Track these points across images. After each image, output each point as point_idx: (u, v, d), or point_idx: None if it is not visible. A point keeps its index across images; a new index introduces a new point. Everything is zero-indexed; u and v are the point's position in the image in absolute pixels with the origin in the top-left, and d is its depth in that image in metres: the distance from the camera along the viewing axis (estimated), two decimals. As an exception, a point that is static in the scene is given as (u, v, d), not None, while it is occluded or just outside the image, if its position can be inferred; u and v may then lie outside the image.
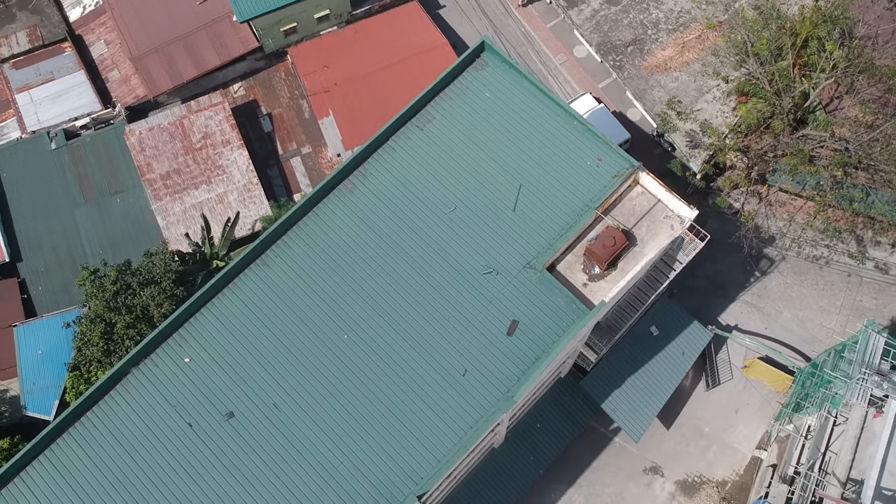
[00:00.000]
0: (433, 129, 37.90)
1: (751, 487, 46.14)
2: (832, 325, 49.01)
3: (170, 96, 55.63)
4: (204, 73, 54.97)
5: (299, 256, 35.94)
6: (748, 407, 47.91)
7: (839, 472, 37.01)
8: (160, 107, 55.94)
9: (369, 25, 55.94)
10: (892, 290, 49.36)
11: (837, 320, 49.09)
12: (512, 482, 44.00)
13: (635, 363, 44.57)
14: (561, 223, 35.87)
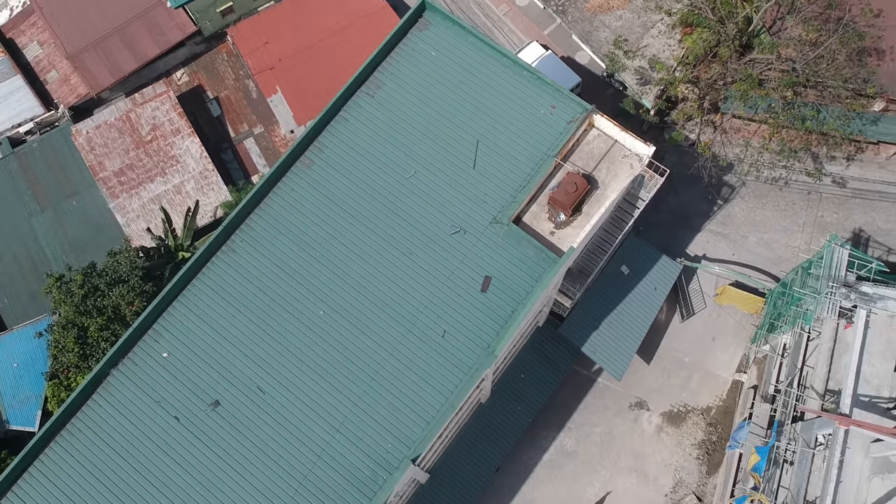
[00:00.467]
0: (384, 95, 37.61)
1: (735, 410, 47.26)
2: (797, 243, 49.90)
3: (113, 91, 54.49)
4: (144, 63, 53.84)
5: (265, 238, 35.74)
6: (724, 333, 48.83)
7: (817, 384, 38.00)
8: (104, 103, 54.81)
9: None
10: (852, 202, 50.29)
11: (801, 238, 49.97)
12: (503, 434, 44.62)
13: (610, 303, 45.12)
14: (522, 175, 35.97)
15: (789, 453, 38.23)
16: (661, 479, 46.30)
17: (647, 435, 47.14)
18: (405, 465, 32.22)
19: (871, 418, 35.44)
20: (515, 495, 45.93)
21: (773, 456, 38.50)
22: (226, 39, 56.12)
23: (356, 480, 32.29)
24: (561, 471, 46.47)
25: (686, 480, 46.25)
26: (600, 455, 46.72)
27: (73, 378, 42.13)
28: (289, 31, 53.82)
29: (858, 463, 35.26)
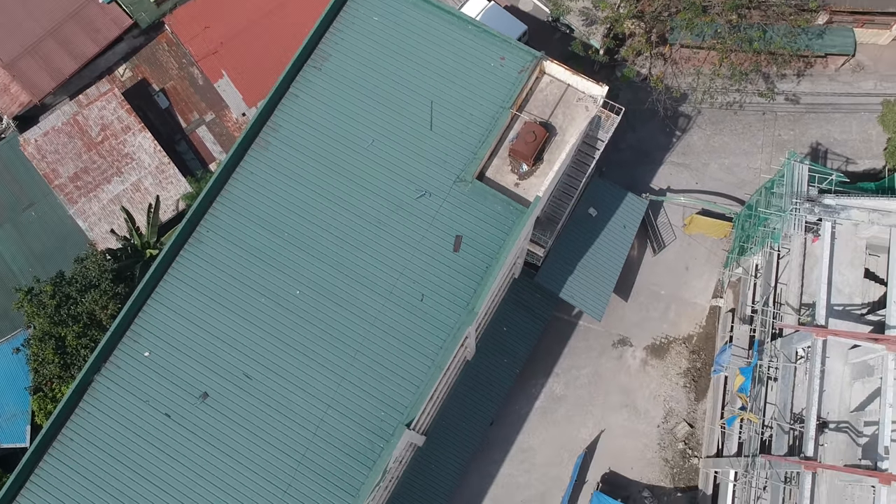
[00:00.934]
0: (332, 67, 37.21)
1: (715, 335, 48.15)
2: (757, 164, 50.48)
3: (56, 95, 53.30)
4: (84, 63, 52.63)
5: (231, 225, 35.48)
6: (696, 261, 49.52)
7: (792, 300, 38.77)
8: (49, 109, 53.61)
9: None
10: (806, 118, 50.87)
11: (761, 159, 50.56)
12: (493, 387, 45.16)
13: (582, 247, 45.49)
14: (479, 130, 35.91)
15: (772, 370, 39.11)
16: (651, 411, 47.21)
17: (633, 370, 47.94)
18: (400, 431, 32.55)
19: (846, 326, 36.31)
20: (512, 445, 46.66)
21: (756, 375, 39.38)
22: (164, 29, 54.97)
23: (354, 452, 32.59)
24: (553, 416, 47.21)
25: (676, 409, 47.22)
26: (590, 396, 47.49)
27: (58, 389, 41.87)
28: (227, 13, 52.83)
29: (839, 370, 36.18)
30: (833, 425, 35.68)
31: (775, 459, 35.46)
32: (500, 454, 46.53)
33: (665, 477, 46.25)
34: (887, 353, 33.12)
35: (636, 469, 46.33)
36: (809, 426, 34.24)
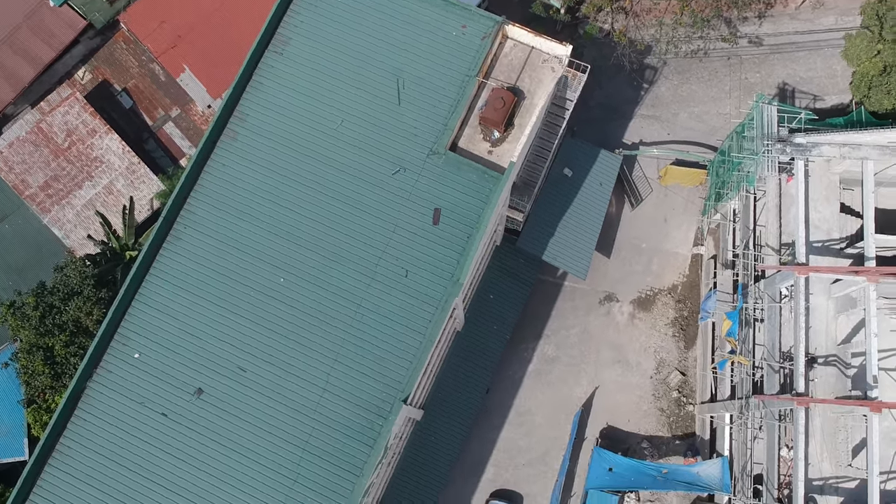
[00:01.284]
0: (293, 50, 36.91)
1: (699, 283, 48.61)
2: (726, 110, 50.63)
3: (17, 105, 52.44)
4: (42, 69, 51.76)
5: (207, 219, 35.32)
6: (674, 212, 49.83)
7: (771, 241, 39.17)
8: (11, 119, 52.80)
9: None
10: (771, 59, 51.01)
11: (730, 104, 50.72)
12: (485, 355, 45.45)
13: (560, 208, 45.59)
14: (448, 101, 35.82)
15: (758, 311, 39.57)
16: (643, 363, 47.73)
17: (622, 325, 48.36)
18: (397, 407, 32.78)
19: (826, 262, 36.79)
20: (510, 410, 47.09)
21: (743, 318, 39.85)
22: (120, 27, 54.09)
23: (354, 433, 32.81)
24: (547, 377, 47.62)
25: (667, 359, 47.77)
26: (581, 354, 47.91)
27: (51, 399, 41.71)
28: (183, 6, 51.95)
29: (823, 306, 36.72)
30: (822, 360, 36.28)
31: (768, 399, 36.03)
32: (499, 420, 46.97)
33: (662, 426, 46.90)
34: (868, 284, 33.59)
35: (633, 421, 46.94)
36: (799, 363, 34.76)
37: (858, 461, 35.08)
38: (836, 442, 35.50)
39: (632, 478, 42.25)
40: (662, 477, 41.83)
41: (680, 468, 42.21)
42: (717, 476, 40.88)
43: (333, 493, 32.32)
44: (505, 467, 46.48)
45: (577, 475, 45.98)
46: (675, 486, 41.72)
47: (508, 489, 46.19)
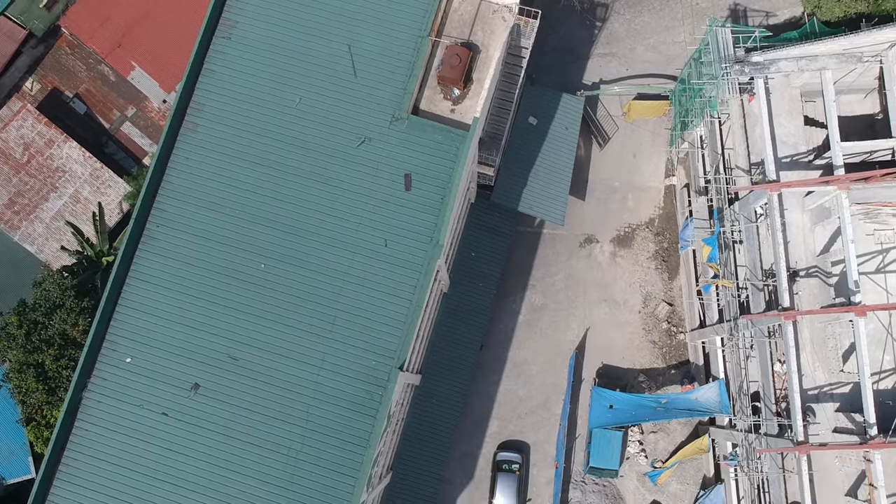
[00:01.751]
0: (241, 33, 36.44)
1: (675, 213, 48.99)
2: (681, 38, 50.57)
3: (-32, 125, 51.53)
4: (-12, 85, 50.87)
5: (178, 215, 35.06)
6: (642, 146, 49.99)
7: (741, 162, 39.46)
8: (-36, 140, 51.87)
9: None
10: (719, -20, 50.93)
11: (684, 31, 50.65)
12: (474, 314, 45.72)
13: (529, 158, 45.60)
14: (404, 65, 35.60)
15: (736, 234, 40.02)
16: (630, 299, 48.23)
17: (604, 265, 48.75)
18: (394, 375, 33.03)
19: (797, 176, 37.14)
20: (505, 363, 47.53)
21: (721, 241, 40.28)
22: (62, 32, 52.98)
23: (355, 405, 33.06)
24: (538, 326, 48.05)
25: (653, 292, 48.29)
26: (568, 299, 48.31)
27: (50, 414, 41.61)
28: (123, 2, 51.01)
29: (798, 219, 37.18)
30: (803, 273, 36.84)
31: (756, 317, 36.59)
32: (496, 374, 47.43)
33: (656, 358, 47.57)
34: (839, 192, 34.04)
35: (627, 357, 47.57)
36: (781, 278, 35.27)
37: (850, 366, 35.85)
38: (826, 350, 36.21)
39: (633, 412, 42.97)
40: (662, 407, 42.55)
41: (678, 396, 42.93)
42: (715, 399, 41.63)
43: (342, 467, 32.65)
44: (508, 419, 47.08)
45: (579, 417, 46.66)
46: (676, 415, 42.49)
47: (514, 440, 46.83)
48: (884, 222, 37.23)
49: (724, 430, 42.41)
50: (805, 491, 33.48)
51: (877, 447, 31.91)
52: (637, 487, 45.97)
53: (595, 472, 45.10)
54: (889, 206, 36.81)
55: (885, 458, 32.66)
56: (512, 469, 45.38)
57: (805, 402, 34.98)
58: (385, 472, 40.49)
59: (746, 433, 38.14)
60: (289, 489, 32.73)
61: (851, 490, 34.64)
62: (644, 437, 46.39)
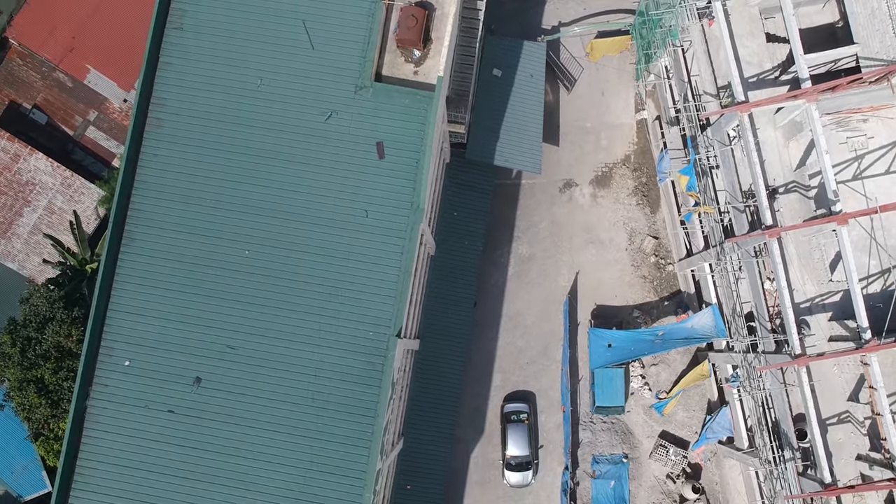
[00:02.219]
0: (192, 22, 35.83)
1: (650, 147, 49.09)
2: (635, -30, 50.27)
3: (-70, 150, 50.72)
4: (-57, 107, 50.00)
5: (156, 212, 34.82)
6: (609, 83, 49.90)
7: (708, 88, 39.49)
8: (-72, 165, 51.10)
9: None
10: None
11: (637, -37, 50.33)
12: (464, 272, 45.92)
13: (499, 110, 45.41)
14: (361, 32, 35.22)
15: (711, 159, 40.17)
16: (615, 238, 48.51)
17: (586, 207, 48.92)
18: (393, 343, 33.22)
19: (765, 94, 37.09)
20: (500, 317, 47.90)
21: (698, 169, 40.46)
22: (10, 44, 51.99)
23: (359, 378, 33.29)
24: (528, 276, 48.32)
25: (637, 228, 48.57)
26: (555, 246, 48.53)
27: (56, 427, 41.68)
28: (68, 5, 50.07)
29: (772, 137, 37.29)
30: (782, 189, 37.09)
31: (741, 239, 36.92)
32: (494, 329, 47.80)
33: (648, 292, 48.01)
34: (809, 104, 34.08)
35: (620, 295, 47.97)
36: (761, 197, 35.48)
37: (838, 275, 36.25)
38: (814, 262, 36.61)
39: (631, 348, 43.50)
40: (660, 339, 43.07)
41: (674, 326, 43.46)
42: (710, 325, 42.15)
43: (355, 439, 33.00)
44: (510, 371, 47.55)
45: (579, 360, 47.20)
46: (674, 345, 43.04)
47: (519, 390, 47.41)
48: (855, 129, 37.37)
49: (722, 353, 43.03)
50: (808, 402, 34.12)
51: (872, 350, 32.42)
52: (645, 420, 46.70)
53: (602, 410, 45.76)
54: (859, 113, 37.00)
55: (881, 359, 33.23)
56: (521, 419, 45.97)
57: (798, 315, 35.46)
58: (397, 438, 40.93)
59: (745, 353, 38.72)
60: (305, 468, 33.09)
61: (853, 395, 35.32)
62: (645, 371, 47.02)
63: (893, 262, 35.91)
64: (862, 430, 35.01)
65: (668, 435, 46.46)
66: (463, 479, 46.38)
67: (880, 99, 35.78)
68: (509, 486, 45.94)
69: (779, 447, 37.00)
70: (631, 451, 46.37)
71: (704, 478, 46.15)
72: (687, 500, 45.49)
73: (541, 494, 46.20)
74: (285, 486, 33.19)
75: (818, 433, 34.00)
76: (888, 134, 37.28)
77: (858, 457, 34.89)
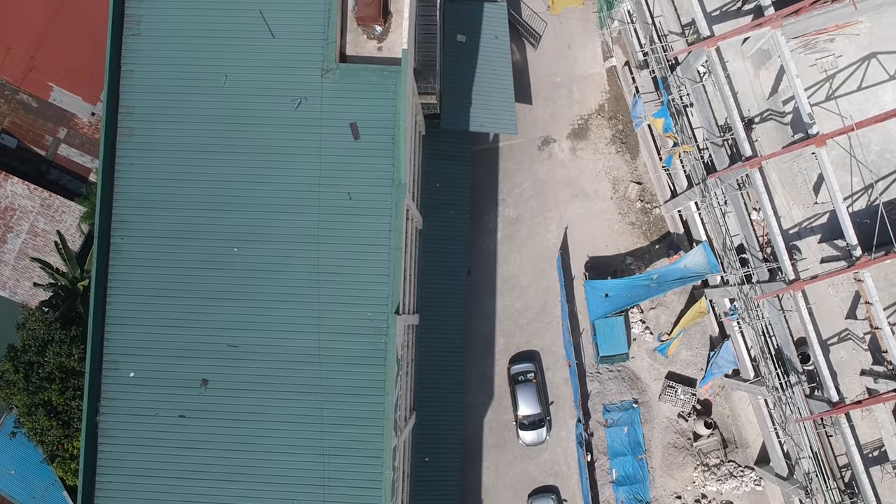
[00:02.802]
0: (148, 27, 35.43)
1: (623, 93, 49.07)
2: (586, -83, 49.91)
3: None
4: (-89, 143, 49.54)
5: (139, 222, 34.72)
6: (574, 35, 49.75)
7: (673, 27, 39.49)
8: None
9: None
10: None
11: (587, -90, 49.98)
12: (453, 241, 46.06)
13: (468, 76, 45.27)
14: (319, 15, 34.95)
15: (684, 98, 40.22)
16: (599, 188, 48.68)
17: (567, 161, 49.00)
18: (392, 320, 33.41)
19: (729, 26, 37.12)
20: (496, 281, 48.19)
21: (673, 110, 40.53)
22: (-32, 71, 51.47)
23: (364, 359, 33.52)
24: (518, 237, 48.52)
25: (619, 176, 48.72)
26: (540, 204, 48.68)
27: (70, 446, 41.88)
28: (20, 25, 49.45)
29: (741, 68, 37.44)
30: (758, 118, 37.29)
31: (723, 173, 37.13)
32: (490, 294, 48.10)
33: (638, 238, 48.27)
34: (774, 31, 34.12)
35: (611, 244, 48.25)
36: (737, 129, 35.68)
37: (822, 196, 36.62)
38: (797, 186, 36.92)
39: (628, 295, 43.89)
40: (655, 283, 43.46)
41: (668, 268, 43.79)
42: (703, 262, 42.51)
43: (367, 419, 33.30)
44: (512, 333, 47.91)
45: (579, 313, 47.59)
46: (669, 286, 43.41)
47: (524, 350, 47.80)
48: (823, 49, 37.51)
49: (718, 288, 43.42)
50: (807, 325, 34.59)
51: (864, 266, 32.80)
52: (650, 364, 47.21)
53: (606, 360, 46.21)
54: (825, 33, 37.10)
55: (874, 274, 33.62)
56: (528, 378, 46.44)
57: (788, 241, 35.85)
58: (409, 414, 41.28)
59: (740, 286, 39.10)
60: (323, 454, 33.39)
61: (850, 312, 35.83)
62: (645, 316, 47.43)
63: (874, 176, 36.18)
64: (863, 346, 35.56)
65: (674, 375, 47.01)
66: (479, 445, 46.93)
67: (844, 16, 35.90)
68: (525, 445, 46.49)
69: (784, 373, 37.50)
70: (640, 395, 46.90)
71: (715, 413, 46.78)
72: (701, 435, 46.11)
73: (557, 450, 46.78)
74: (306, 475, 33.50)
75: (821, 354, 34.50)
76: (856, 50, 37.47)
77: (862, 372, 35.46)
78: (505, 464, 46.91)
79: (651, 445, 46.62)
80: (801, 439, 37.34)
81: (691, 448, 46.48)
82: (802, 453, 37.51)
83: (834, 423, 35.42)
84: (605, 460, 46.42)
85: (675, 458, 46.45)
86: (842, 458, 36.46)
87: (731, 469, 46.01)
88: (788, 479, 40.96)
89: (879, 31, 37.38)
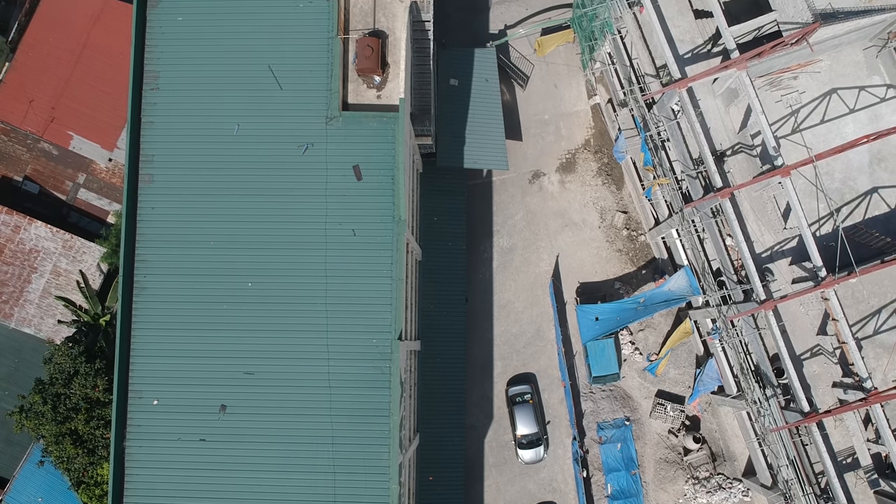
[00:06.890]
0: (168, 81, 38.48)
1: (607, 128, 52.07)
2: (568, -34, 53.24)
3: (-68, 234, 53.17)
4: (-60, 191, 52.43)
5: (160, 261, 37.48)
6: (560, 76, 52.86)
7: (648, 69, 42.46)
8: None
9: (35, 34, 52.98)
10: None
11: (569, -41, 53.29)
12: (451, 272, 48.59)
13: (461, 117, 48.16)
14: (322, 67, 37.97)
15: (662, 134, 43.15)
16: (587, 218, 51.52)
17: (556, 194, 51.89)
18: (396, 346, 36.06)
19: (700, 67, 39.93)
20: (492, 307, 50.84)
21: (651, 145, 43.44)
22: (-8, 123, 54.55)
23: (369, 383, 36.14)
24: (512, 266, 51.25)
25: (606, 206, 51.59)
26: (532, 234, 51.48)
27: (95, 473, 44.20)
28: (42, 77, 52.55)
29: (713, 105, 40.25)
30: (729, 151, 40.07)
31: (697, 203, 39.93)
32: (488, 320, 50.74)
33: (625, 264, 51.03)
34: (740, 72, 37.07)
35: (600, 271, 50.99)
36: (709, 162, 38.50)
37: (791, 222, 39.29)
38: (768, 213, 39.63)
39: (617, 317, 46.42)
40: (642, 306, 46.02)
41: (653, 292, 46.33)
42: (685, 285, 45.15)
43: (374, 439, 35.88)
44: (509, 357, 50.50)
45: (571, 336, 50.20)
46: (656, 309, 45.94)
47: (520, 373, 50.34)
48: (788, 86, 40.46)
49: (700, 310, 46.08)
50: (778, 341, 37.20)
51: (829, 285, 35.48)
52: (640, 383, 49.76)
53: (599, 380, 48.75)
54: (788, 71, 40.11)
55: (842, 292, 36.21)
56: (525, 399, 48.90)
57: (760, 264, 38.52)
58: (413, 434, 43.74)
59: (719, 306, 41.78)
60: (333, 472, 35.93)
61: (820, 329, 38.38)
62: (634, 337, 50.06)
63: (835, 204, 38.99)
64: (833, 360, 38.11)
65: (663, 393, 49.56)
66: (480, 464, 49.38)
67: (804, 56, 38.84)
68: (524, 463, 48.88)
69: (762, 387, 40.07)
70: (632, 413, 49.42)
71: (703, 428, 49.27)
72: (690, 450, 48.57)
73: (554, 467, 49.19)
74: (317, 492, 36.02)
75: (791, 368, 37.12)
76: (818, 86, 40.42)
77: (834, 384, 37.99)
78: (505, 482, 49.28)
79: (644, 461, 49.04)
80: (778, 448, 39.87)
81: (682, 462, 48.91)
82: (781, 462, 40.01)
83: (808, 431, 37.98)
84: (600, 476, 48.80)
85: (666, 472, 48.85)
86: (817, 465, 38.98)
87: (720, 481, 48.45)
88: (772, 489, 43.40)
89: (838, 69, 40.40)
